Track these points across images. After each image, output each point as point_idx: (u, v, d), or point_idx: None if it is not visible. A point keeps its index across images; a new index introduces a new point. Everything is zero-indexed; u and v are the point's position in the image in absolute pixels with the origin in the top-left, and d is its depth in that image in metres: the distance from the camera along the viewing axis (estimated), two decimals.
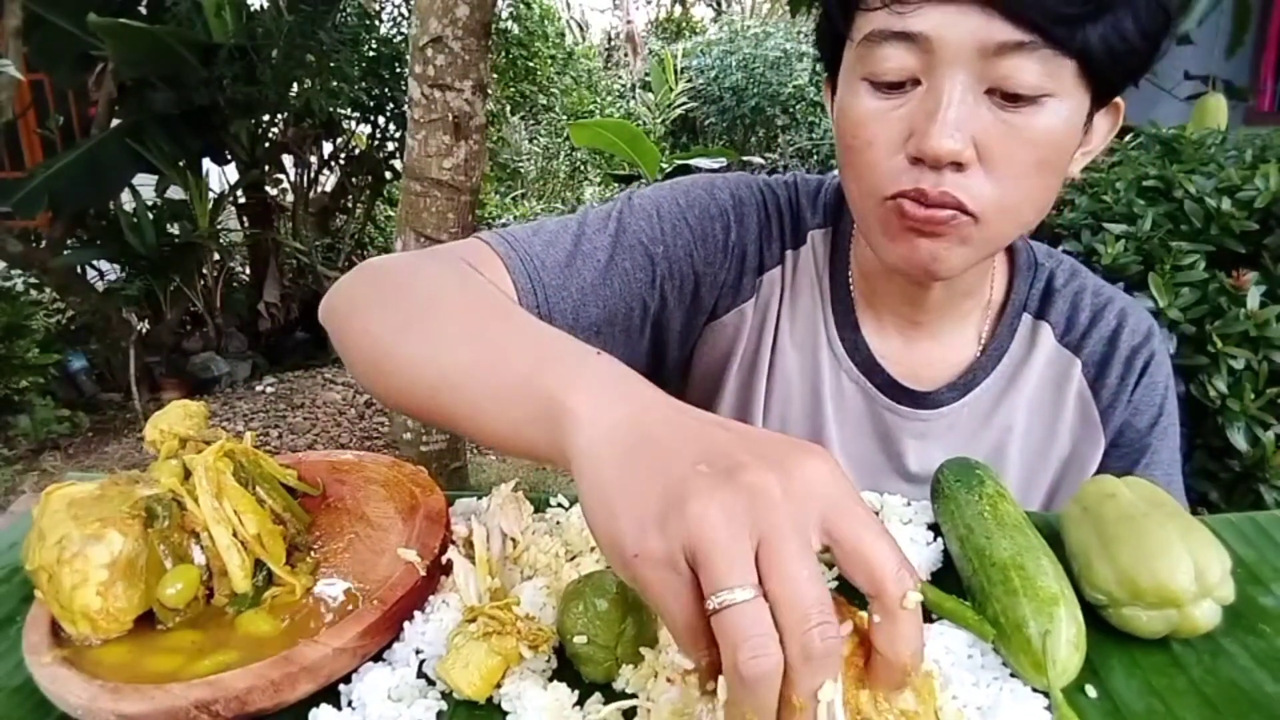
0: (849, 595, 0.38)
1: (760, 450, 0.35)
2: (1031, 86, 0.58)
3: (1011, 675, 0.47)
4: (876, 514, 0.63)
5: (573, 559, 0.58)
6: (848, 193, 0.69)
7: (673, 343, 0.79)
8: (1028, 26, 0.56)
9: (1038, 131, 0.59)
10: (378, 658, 0.49)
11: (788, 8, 3.13)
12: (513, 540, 0.58)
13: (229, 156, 4.72)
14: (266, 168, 4.86)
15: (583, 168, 7.95)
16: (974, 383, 0.78)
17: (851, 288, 0.79)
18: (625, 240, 0.74)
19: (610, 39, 10.86)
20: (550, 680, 0.47)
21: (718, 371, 0.81)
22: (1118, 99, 0.65)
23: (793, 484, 0.34)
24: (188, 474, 0.54)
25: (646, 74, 8.99)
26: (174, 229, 4.54)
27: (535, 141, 7.73)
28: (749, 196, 0.80)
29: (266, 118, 4.71)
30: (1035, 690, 0.45)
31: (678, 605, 0.33)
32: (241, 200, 4.95)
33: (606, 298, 0.72)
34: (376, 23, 5.09)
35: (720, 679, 0.33)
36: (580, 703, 0.45)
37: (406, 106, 2.46)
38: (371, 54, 4.89)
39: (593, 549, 0.59)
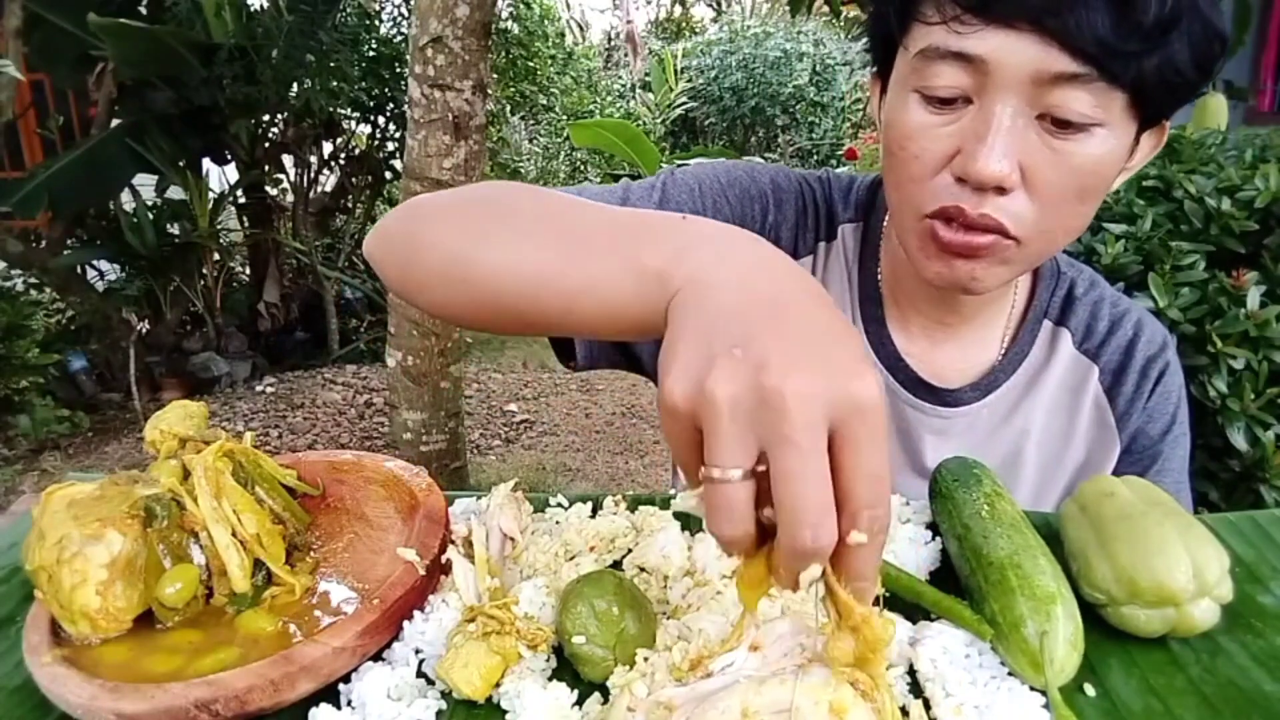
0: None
1: (798, 356, 0.36)
2: (1083, 115, 0.58)
3: (1009, 674, 0.47)
4: None
5: (572, 559, 0.58)
6: (889, 198, 0.70)
7: None
8: (1084, 59, 0.56)
9: (1084, 159, 0.60)
10: (377, 657, 0.49)
11: (788, 8, 3.13)
12: (512, 540, 0.58)
13: (229, 156, 4.73)
14: (266, 168, 4.87)
15: (583, 168, 7.95)
16: (995, 384, 0.79)
17: (880, 284, 0.81)
18: (668, 209, 0.74)
19: (610, 39, 10.86)
20: (549, 680, 0.47)
21: None
22: (1165, 120, 0.65)
23: (811, 393, 0.35)
24: (187, 474, 0.54)
25: (646, 74, 8.99)
26: (174, 229, 4.54)
27: (535, 141, 7.73)
28: (787, 185, 0.81)
29: (266, 118, 4.71)
30: (1033, 689, 0.45)
31: (682, 451, 0.38)
32: (241, 200, 4.95)
33: None
34: (376, 23, 5.08)
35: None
36: (579, 703, 0.45)
37: (406, 106, 2.46)
38: (371, 54, 4.89)
39: (592, 548, 0.59)
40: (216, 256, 4.72)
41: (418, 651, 0.49)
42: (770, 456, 0.35)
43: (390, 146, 5.27)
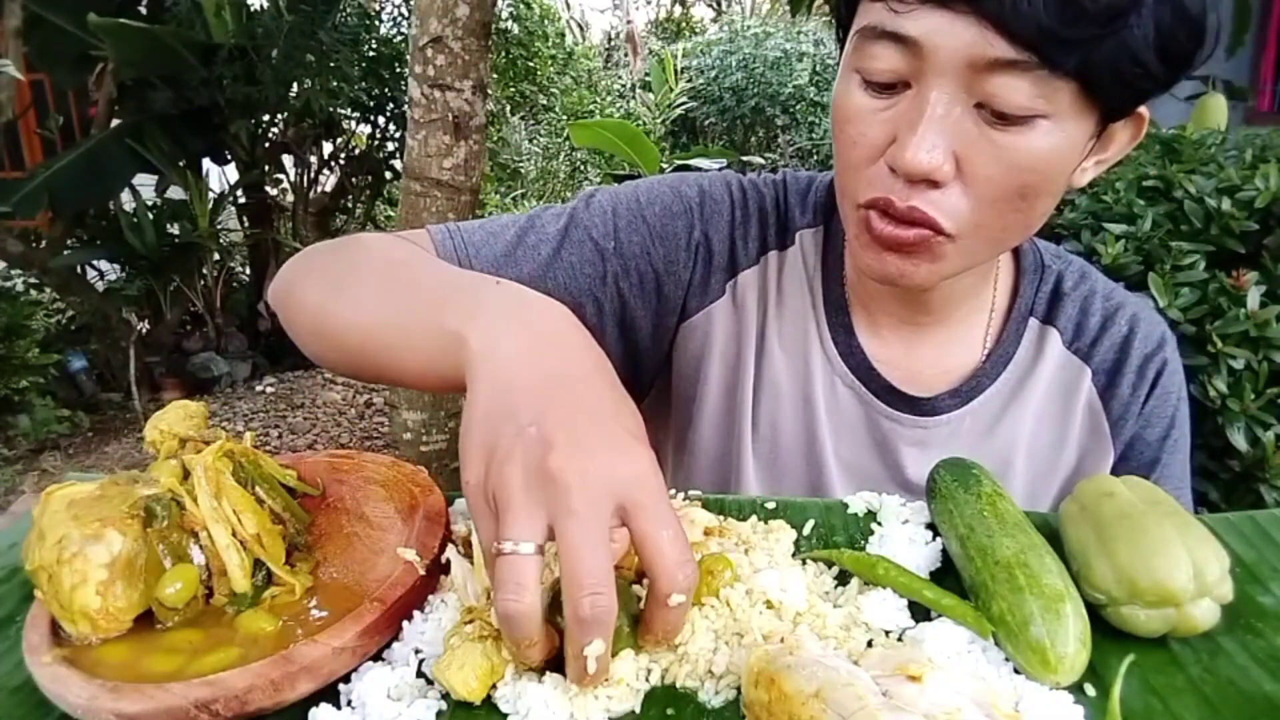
0: None
1: (583, 436, 0.41)
2: (1021, 107, 0.54)
3: (1014, 671, 0.47)
4: (871, 515, 0.63)
5: None
6: (836, 185, 0.68)
7: (645, 343, 0.77)
8: (1022, 45, 0.52)
9: (1025, 154, 0.56)
10: (377, 657, 0.49)
11: (788, 8, 3.13)
12: None
13: (229, 156, 4.73)
14: (266, 168, 4.87)
15: (583, 168, 7.94)
16: (977, 390, 0.75)
17: (846, 289, 0.76)
18: (574, 235, 0.73)
19: (610, 39, 10.86)
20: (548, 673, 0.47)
21: (694, 374, 0.79)
22: (1141, 109, 0.61)
23: (596, 472, 0.39)
24: (187, 474, 0.54)
25: (646, 74, 8.99)
26: (174, 229, 4.55)
27: (535, 141, 7.73)
28: (721, 194, 0.78)
29: (266, 118, 4.71)
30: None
31: (483, 533, 0.42)
32: (241, 200, 4.95)
33: (547, 290, 0.67)
34: (376, 23, 5.09)
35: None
36: None
37: (406, 106, 2.46)
38: (371, 54, 4.89)
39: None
40: (216, 256, 4.73)
41: (418, 651, 0.49)
42: (556, 531, 0.38)
43: (390, 146, 5.28)
